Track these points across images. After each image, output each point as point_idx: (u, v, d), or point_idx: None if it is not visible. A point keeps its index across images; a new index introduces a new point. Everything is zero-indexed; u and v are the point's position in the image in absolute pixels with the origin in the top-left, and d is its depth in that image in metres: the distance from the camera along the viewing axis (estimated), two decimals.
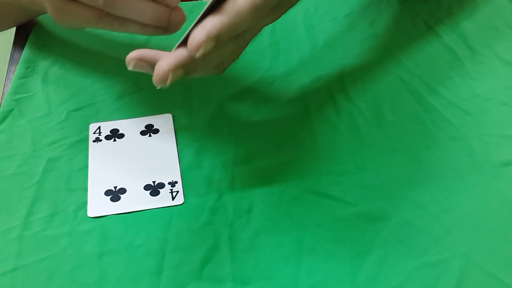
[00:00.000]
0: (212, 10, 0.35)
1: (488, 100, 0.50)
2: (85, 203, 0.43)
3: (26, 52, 0.56)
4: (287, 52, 0.56)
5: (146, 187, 0.44)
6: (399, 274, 0.38)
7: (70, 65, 0.55)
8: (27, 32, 0.59)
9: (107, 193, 0.43)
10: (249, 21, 0.35)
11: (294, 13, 0.60)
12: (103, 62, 0.55)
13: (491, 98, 0.50)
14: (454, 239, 0.40)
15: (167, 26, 0.42)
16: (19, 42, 0.58)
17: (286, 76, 0.53)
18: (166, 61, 0.34)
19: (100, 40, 0.58)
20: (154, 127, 0.49)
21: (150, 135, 0.48)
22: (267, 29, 0.58)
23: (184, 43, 0.35)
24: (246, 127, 0.49)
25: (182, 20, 0.42)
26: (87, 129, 0.48)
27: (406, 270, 0.39)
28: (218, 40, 0.34)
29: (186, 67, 0.35)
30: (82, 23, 0.43)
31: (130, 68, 0.36)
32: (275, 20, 0.42)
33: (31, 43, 0.57)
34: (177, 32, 0.43)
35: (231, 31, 0.34)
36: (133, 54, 0.36)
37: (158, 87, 0.35)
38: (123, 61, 0.55)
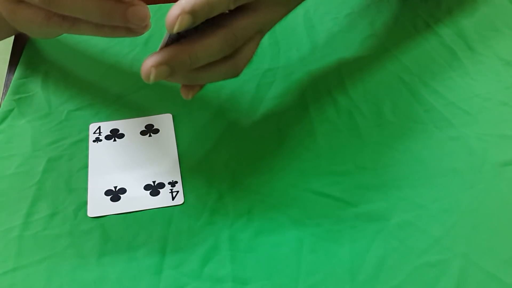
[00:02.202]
0: None
1: (488, 100, 0.50)
2: (85, 203, 0.43)
3: (26, 52, 0.56)
4: (287, 52, 0.56)
5: (146, 187, 0.44)
6: (399, 274, 0.38)
7: (70, 65, 0.55)
8: None
9: (107, 193, 0.43)
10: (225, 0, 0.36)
11: (294, 13, 0.60)
12: (103, 62, 0.55)
13: (491, 98, 0.50)
14: (454, 239, 0.40)
15: (127, 26, 0.37)
16: (20, 42, 0.58)
17: (286, 76, 0.53)
18: (150, 58, 0.35)
19: (100, 40, 0.58)
20: (154, 127, 0.49)
21: (150, 135, 0.48)
22: None
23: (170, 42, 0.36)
24: (246, 127, 0.49)
25: (144, 16, 0.36)
26: (87, 129, 0.48)
27: (406, 270, 0.39)
28: (195, 16, 0.34)
29: (171, 65, 0.36)
30: (33, 25, 0.40)
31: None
32: (275, 20, 0.42)
33: (31, 43, 0.57)
34: None
35: (206, 7, 0.35)
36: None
37: (145, 81, 0.36)
38: (124, 61, 0.55)
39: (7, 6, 0.40)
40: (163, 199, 0.43)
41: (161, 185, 0.44)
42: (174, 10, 0.34)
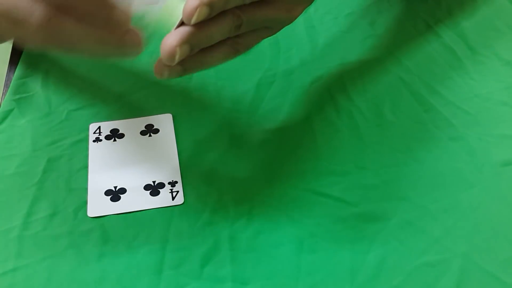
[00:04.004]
0: None
1: (488, 100, 0.50)
2: (85, 203, 0.43)
3: (26, 52, 0.56)
4: (287, 52, 0.56)
5: (146, 187, 0.44)
6: (399, 274, 0.38)
7: (70, 65, 0.55)
8: None
9: (107, 193, 0.43)
10: None
11: None
12: (103, 62, 0.55)
13: (491, 98, 0.50)
14: (454, 239, 0.40)
15: (121, 52, 0.38)
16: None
17: (286, 76, 0.53)
18: (171, 38, 0.35)
19: None
20: (154, 127, 0.49)
21: (150, 135, 0.48)
22: None
23: (182, 24, 0.36)
24: (246, 127, 0.49)
25: (137, 43, 0.37)
26: (87, 129, 0.48)
27: (406, 270, 0.39)
28: (212, 7, 0.35)
29: (191, 42, 0.36)
30: (30, 45, 0.40)
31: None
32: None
33: None
34: None
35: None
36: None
37: (167, 63, 0.36)
38: (124, 61, 0.55)
39: (4, 26, 0.40)
40: (163, 199, 0.43)
41: (161, 185, 0.44)
42: (192, 1, 0.34)
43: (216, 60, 0.40)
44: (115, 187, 0.44)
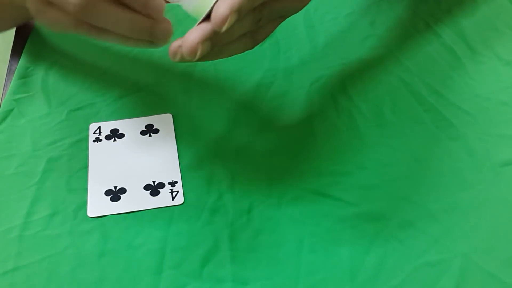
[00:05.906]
0: None
1: (488, 100, 0.50)
2: (85, 203, 0.43)
3: (26, 52, 0.56)
4: (287, 52, 0.56)
5: (146, 187, 0.44)
6: (399, 274, 0.38)
7: (70, 65, 0.55)
8: (27, 32, 0.59)
9: (107, 193, 0.43)
10: None
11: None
12: (103, 62, 0.55)
13: (491, 98, 0.50)
14: (454, 239, 0.40)
15: (151, 39, 0.39)
16: (19, 42, 0.58)
17: (286, 76, 0.53)
18: (193, 34, 0.36)
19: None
20: (154, 127, 0.49)
21: (150, 135, 0.48)
22: None
23: (206, 18, 0.36)
24: (246, 127, 0.49)
25: (167, 32, 0.38)
26: (87, 129, 0.48)
27: (406, 270, 0.39)
28: (240, 12, 0.35)
29: (213, 39, 0.36)
30: (61, 27, 0.40)
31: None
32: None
33: (31, 43, 0.57)
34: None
35: (250, 2, 0.36)
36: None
37: (188, 59, 0.36)
38: (124, 61, 0.55)
39: (37, 7, 0.40)
40: (163, 199, 0.43)
41: (161, 185, 0.44)
42: (223, 9, 0.34)
43: (235, 51, 0.41)
44: (115, 187, 0.44)
